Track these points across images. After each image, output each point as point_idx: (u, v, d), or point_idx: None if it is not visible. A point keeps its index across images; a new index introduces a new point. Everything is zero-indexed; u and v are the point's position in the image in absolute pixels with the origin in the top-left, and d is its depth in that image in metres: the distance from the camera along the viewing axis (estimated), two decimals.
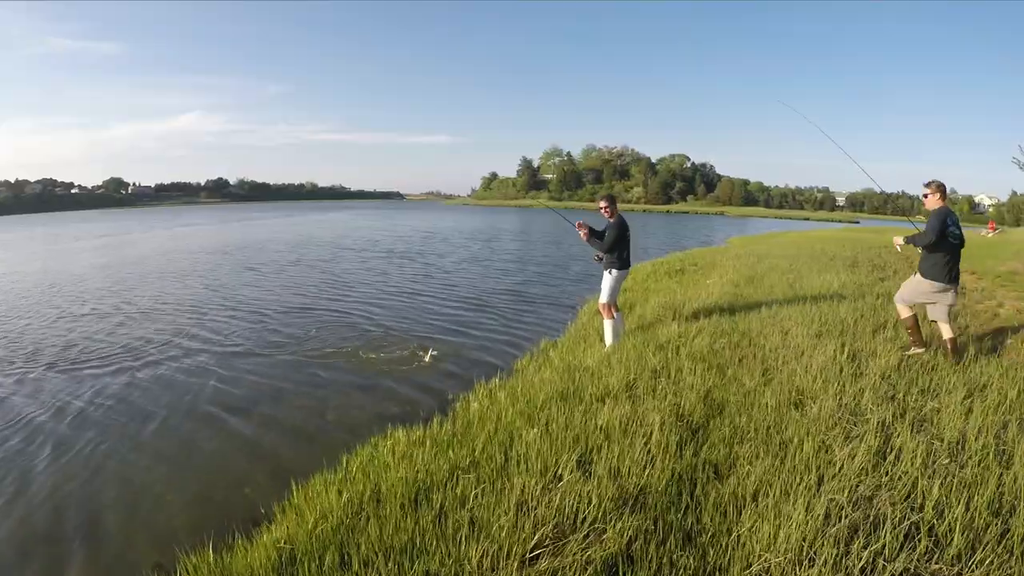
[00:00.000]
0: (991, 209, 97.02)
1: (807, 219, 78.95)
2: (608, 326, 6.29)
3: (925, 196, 5.06)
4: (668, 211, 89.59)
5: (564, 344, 7.04)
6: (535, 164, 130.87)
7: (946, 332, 5.06)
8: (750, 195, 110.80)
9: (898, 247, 5.35)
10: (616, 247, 6.12)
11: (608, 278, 6.20)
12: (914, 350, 5.13)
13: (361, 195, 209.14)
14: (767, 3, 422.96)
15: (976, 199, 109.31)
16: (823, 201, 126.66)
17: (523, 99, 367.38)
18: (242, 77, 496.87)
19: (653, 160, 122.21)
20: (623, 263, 6.24)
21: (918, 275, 5.15)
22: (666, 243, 27.98)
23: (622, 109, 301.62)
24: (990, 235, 27.80)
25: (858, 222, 72.43)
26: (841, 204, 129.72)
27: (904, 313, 5.28)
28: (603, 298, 6.26)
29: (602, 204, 6.18)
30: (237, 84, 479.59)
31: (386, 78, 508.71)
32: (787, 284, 9.18)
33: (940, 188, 5.00)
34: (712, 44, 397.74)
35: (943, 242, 4.88)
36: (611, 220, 6.13)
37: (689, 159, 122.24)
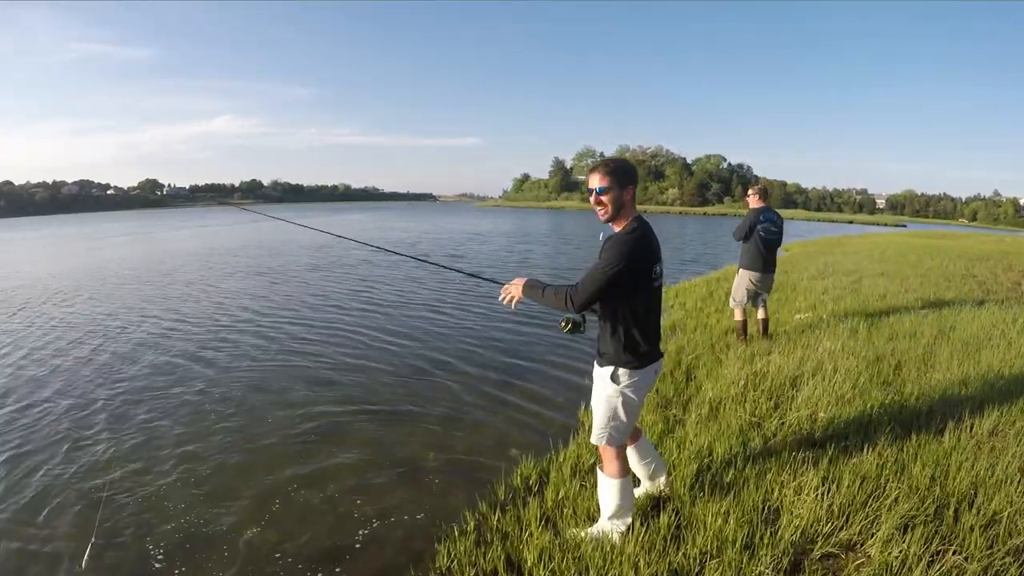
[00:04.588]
0: None
1: (851, 222, 72.65)
2: (611, 493, 2.50)
3: (748, 197, 5.82)
4: (705, 213, 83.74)
5: (562, 480, 3.24)
6: (568, 165, 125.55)
7: (761, 314, 5.86)
8: (788, 197, 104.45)
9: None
10: (617, 299, 2.31)
11: (605, 388, 2.40)
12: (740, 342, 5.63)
13: (394, 196, 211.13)
14: (809, 3, 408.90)
15: (1022, 201, 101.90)
16: (862, 203, 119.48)
17: (557, 101, 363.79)
18: (271, 81, 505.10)
19: (688, 160, 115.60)
20: (648, 350, 2.36)
21: (741, 270, 5.75)
22: (715, 252, 23.82)
23: (657, 110, 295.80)
24: None
25: (905, 225, 66.50)
26: (881, 206, 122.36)
27: (739, 316, 5.80)
28: (595, 434, 2.46)
29: (592, 185, 2.32)
30: (266, 88, 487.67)
31: (416, 81, 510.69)
32: (953, 345, 5.37)
33: (759, 191, 5.78)
34: (749, 45, 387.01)
35: (754, 237, 5.57)
36: (619, 229, 2.31)
37: (725, 159, 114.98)
